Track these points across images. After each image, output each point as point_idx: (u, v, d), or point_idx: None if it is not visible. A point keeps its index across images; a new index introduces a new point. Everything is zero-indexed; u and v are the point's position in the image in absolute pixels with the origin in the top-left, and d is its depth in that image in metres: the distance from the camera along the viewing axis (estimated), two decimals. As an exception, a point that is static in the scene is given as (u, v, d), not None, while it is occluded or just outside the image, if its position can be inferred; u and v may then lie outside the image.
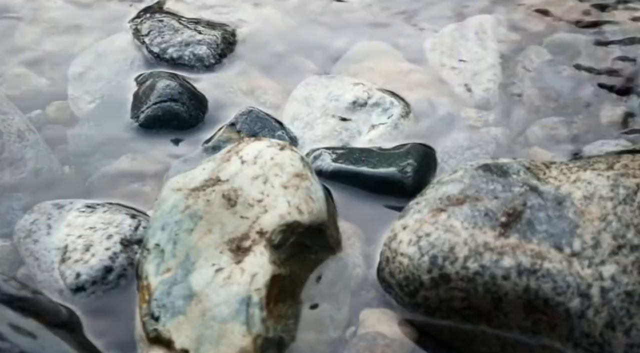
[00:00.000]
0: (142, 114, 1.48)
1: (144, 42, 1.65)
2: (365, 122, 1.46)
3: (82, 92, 1.57)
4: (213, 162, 1.22)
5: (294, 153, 1.22)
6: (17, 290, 1.02)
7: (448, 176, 1.21)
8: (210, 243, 1.12)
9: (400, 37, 1.69)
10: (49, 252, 1.22)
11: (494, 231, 1.09)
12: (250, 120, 1.45)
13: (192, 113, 1.48)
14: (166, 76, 1.53)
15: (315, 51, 1.67)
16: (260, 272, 1.08)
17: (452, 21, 1.73)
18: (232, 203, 1.15)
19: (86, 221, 1.25)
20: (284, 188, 1.16)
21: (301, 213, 1.15)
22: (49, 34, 1.72)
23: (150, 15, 1.73)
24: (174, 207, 1.16)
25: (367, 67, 1.61)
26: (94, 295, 1.17)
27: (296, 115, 1.50)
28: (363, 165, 1.35)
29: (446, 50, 1.64)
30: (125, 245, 1.21)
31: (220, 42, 1.64)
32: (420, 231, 1.13)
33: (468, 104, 1.52)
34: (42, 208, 1.31)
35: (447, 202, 1.15)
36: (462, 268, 1.08)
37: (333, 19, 1.75)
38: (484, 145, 1.42)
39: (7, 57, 1.65)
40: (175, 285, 1.09)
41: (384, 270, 1.17)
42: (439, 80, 1.57)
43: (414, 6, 1.78)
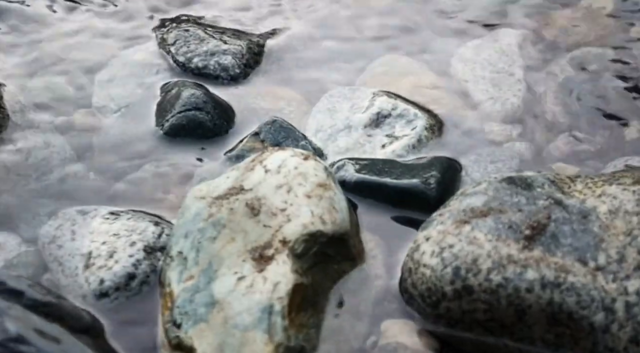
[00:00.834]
0: (166, 122, 1.49)
1: (169, 51, 1.66)
2: (389, 133, 1.46)
3: (108, 99, 1.58)
4: (237, 170, 1.23)
5: (318, 163, 1.22)
6: (42, 296, 1.03)
7: (472, 188, 1.21)
8: (233, 252, 1.12)
9: (425, 50, 1.69)
10: (73, 257, 1.23)
11: (517, 244, 1.09)
12: (274, 129, 1.45)
13: (217, 122, 1.49)
14: (191, 85, 1.54)
15: (340, 62, 1.67)
16: (282, 281, 1.08)
17: (478, 35, 1.72)
18: (255, 212, 1.16)
19: (110, 228, 1.26)
20: (307, 197, 1.17)
21: (324, 223, 1.15)
22: (76, 42, 1.73)
23: (176, 25, 1.75)
24: (197, 215, 1.17)
25: (392, 79, 1.61)
26: (117, 301, 1.18)
27: (320, 126, 1.50)
28: (386, 176, 1.35)
29: (471, 64, 1.63)
30: (149, 252, 1.22)
31: (246, 52, 1.65)
32: (443, 242, 1.12)
33: (492, 118, 1.51)
34: (67, 214, 1.32)
35: (471, 214, 1.15)
36: (485, 280, 1.07)
37: (358, 31, 1.76)
38: (508, 160, 1.42)
39: (34, 65, 1.66)
40: (198, 292, 1.09)
41: (406, 281, 1.17)
42: (464, 94, 1.57)
43: (440, 20, 1.78)
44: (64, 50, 1.71)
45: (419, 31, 1.75)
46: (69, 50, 1.71)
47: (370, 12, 1.81)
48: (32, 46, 1.72)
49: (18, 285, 1.02)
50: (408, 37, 1.74)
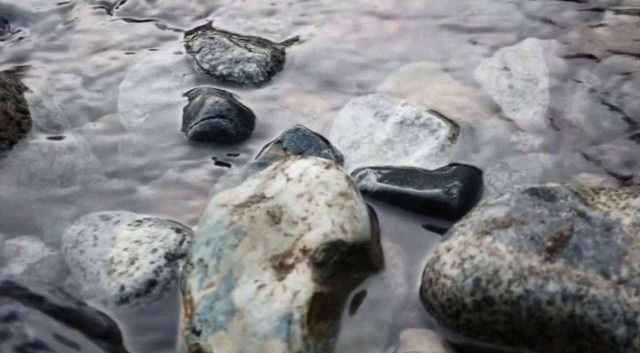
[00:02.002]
0: (190, 129, 1.49)
1: (195, 59, 1.67)
2: (412, 142, 1.46)
3: (132, 106, 1.59)
4: (259, 178, 1.23)
5: (340, 172, 1.22)
6: (62, 301, 1.03)
7: (494, 199, 1.20)
8: (254, 260, 1.12)
9: (450, 59, 1.69)
10: (95, 263, 1.24)
11: (539, 255, 1.08)
12: (297, 138, 1.45)
13: (240, 130, 1.49)
14: (215, 93, 1.55)
15: (364, 70, 1.67)
16: (302, 290, 1.08)
17: (504, 44, 1.71)
18: (276, 220, 1.16)
19: (132, 234, 1.27)
20: (328, 206, 1.16)
21: (345, 232, 1.14)
22: (102, 48, 1.75)
23: (201, 32, 1.76)
24: (219, 222, 1.17)
25: (416, 87, 1.60)
26: (138, 307, 1.18)
27: (342, 134, 1.50)
28: (408, 186, 1.34)
29: (496, 73, 1.63)
30: (170, 259, 1.22)
31: (270, 60, 1.65)
32: (464, 253, 1.12)
33: (516, 128, 1.50)
34: (89, 219, 1.32)
35: (493, 224, 1.14)
36: (506, 291, 1.06)
37: (383, 39, 1.75)
38: (531, 170, 1.41)
39: (60, 71, 1.67)
40: (218, 300, 1.09)
41: (426, 291, 1.16)
42: (488, 103, 1.56)
43: (466, 28, 1.77)
44: (89, 55, 1.73)
45: (444, 40, 1.75)
46: (94, 55, 1.73)
47: (395, 20, 1.81)
48: (58, 51, 1.73)
49: (38, 290, 1.03)
50: (433, 45, 1.73)
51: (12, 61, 1.69)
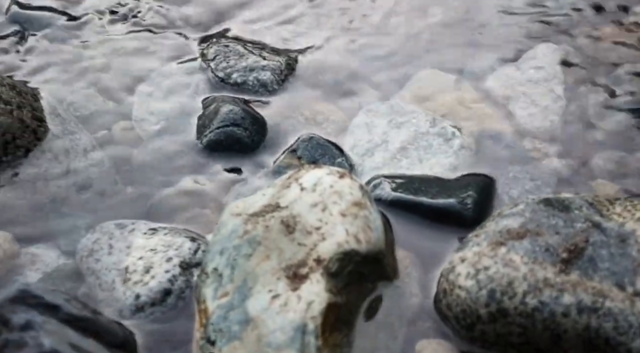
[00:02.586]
0: (205, 137, 1.50)
1: (209, 66, 1.67)
2: (426, 150, 1.46)
3: (147, 113, 1.60)
4: (273, 188, 1.23)
5: (354, 181, 1.22)
6: (78, 310, 1.03)
7: (509, 209, 1.20)
8: (268, 269, 1.12)
9: (465, 66, 1.69)
10: (110, 271, 1.24)
11: (554, 267, 1.08)
12: (311, 147, 1.45)
13: (254, 138, 1.50)
14: (230, 101, 1.55)
15: (378, 78, 1.67)
16: (316, 300, 1.08)
17: (518, 51, 1.71)
18: (290, 230, 1.16)
19: (147, 243, 1.27)
20: (342, 216, 1.16)
21: (359, 242, 1.14)
22: (117, 56, 1.75)
23: (216, 40, 1.76)
24: (233, 231, 1.17)
25: (430, 95, 1.60)
26: (153, 316, 1.19)
27: (357, 141, 1.50)
28: (422, 196, 1.34)
29: (511, 80, 1.62)
30: (184, 268, 1.23)
31: (284, 68, 1.66)
32: (478, 264, 1.12)
33: (531, 135, 1.50)
34: (105, 228, 1.33)
35: (507, 235, 1.14)
36: (521, 303, 1.06)
37: (397, 46, 1.75)
38: (546, 178, 1.40)
39: (76, 79, 1.68)
40: (232, 310, 1.09)
41: (441, 302, 1.16)
42: (502, 111, 1.56)
43: (480, 35, 1.77)
44: (105, 63, 1.73)
45: (459, 47, 1.74)
46: (110, 63, 1.73)
47: (410, 28, 1.81)
48: (74, 58, 1.74)
49: (54, 299, 1.03)
50: (447, 52, 1.73)
51: (28, 69, 1.69)
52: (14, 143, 1.43)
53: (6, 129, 1.42)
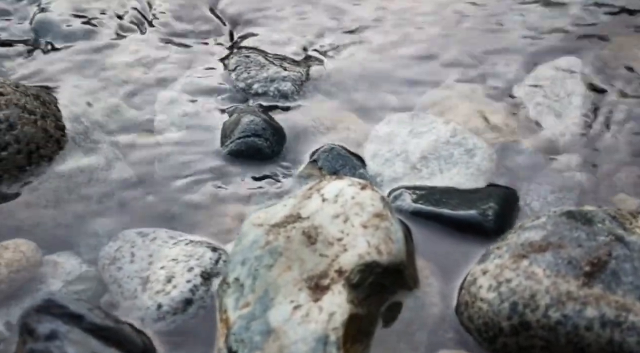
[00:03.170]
0: (226, 147, 1.51)
1: (230, 77, 1.68)
2: (447, 161, 1.46)
3: (169, 122, 1.60)
4: (294, 198, 1.24)
5: (375, 193, 1.22)
6: (101, 320, 1.04)
7: (531, 222, 1.20)
8: (289, 280, 1.12)
9: (486, 77, 1.68)
10: (132, 280, 1.25)
11: (577, 280, 1.07)
12: (332, 157, 1.46)
13: (275, 148, 1.50)
14: (250, 111, 1.56)
15: (399, 88, 1.67)
16: (338, 311, 1.08)
17: (540, 63, 1.71)
18: (312, 241, 1.16)
19: (169, 252, 1.28)
20: (363, 227, 1.16)
21: (380, 254, 1.14)
22: (140, 65, 1.76)
23: (237, 51, 1.77)
24: (255, 242, 1.18)
25: (452, 106, 1.60)
26: (174, 325, 1.19)
27: (377, 151, 1.50)
28: (443, 207, 1.34)
29: (532, 91, 1.62)
30: (206, 278, 1.23)
31: (305, 79, 1.66)
32: (500, 277, 1.11)
33: (553, 147, 1.49)
34: (127, 236, 1.34)
35: (529, 248, 1.14)
36: (544, 316, 1.06)
37: (419, 56, 1.76)
38: (568, 190, 1.40)
39: (99, 88, 1.69)
40: (254, 320, 1.10)
41: (462, 314, 1.16)
42: (524, 122, 1.56)
43: (502, 46, 1.77)
44: (126, 71, 1.74)
45: (480, 57, 1.74)
46: (131, 71, 1.74)
47: (432, 38, 1.81)
48: (96, 66, 1.75)
49: (78, 308, 1.04)
50: (469, 63, 1.73)
51: (52, 78, 1.71)
52: (38, 152, 1.44)
53: (30, 138, 1.44)
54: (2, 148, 1.41)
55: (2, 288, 1.24)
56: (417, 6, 1.92)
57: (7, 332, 1.20)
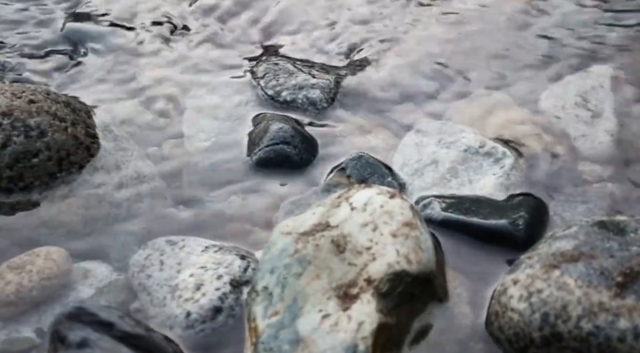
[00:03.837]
0: (254, 155, 1.51)
1: (259, 84, 1.68)
2: (476, 171, 1.45)
3: (198, 130, 1.61)
4: (323, 206, 1.23)
5: (404, 201, 1.21)
6: (131, 328, 1.04)
7: (562, 231, 1.19)
8: (318, 289, 1.12)
9: (515, 86, 1.68)
10: (161, 288, 1.25)
11: (609, 291, 1.06)
12: (360, 165, 1.45)
13: (303, 156, 1.50)
14: (279, 119, 1.56)
15: (428, 97, 1.67)
16: (367, 321, 1.08)
17: (570, 72, 1.70)
18: (340, 250, 1.16)
19: (198, 260, 1.28)
20: (393, 236, 1.16)
21: (410, 263, 1.14)
22: (168, 71, 1.77)
23: (266, 58, 1.77)
24: (283, 250, 1.18)
25: (481, 115, 1.60)
26: (203, 333, 1.19)
27: (406, 161, 1.50)
28: (473, 216, 1.33)
29: (563, 101, 1.61)
30: (235, 286, 1.23)
31: (334, 86, 1.66)
32: (531, 287, 1.10)
33: (584, 157, 1.48)
34: (156, 244, 1.34)
35: (561, 258, 1.13)
36: (575, 327, 1.05)
37: (447, 65, 1.75)
38: (599, 201, 1.39)
39: (128, 95, 1.70)
40: (283, 329, 1.09)
41: (492, 325, 1.15)
42: (554, 132, 1.55)
43: (531, 55, 1.76)
44: (156, 79, 1.75)
45: (509, 67, 1.74)
46: (160, 79, 1.75)
47: (460, 47, 1.81)
48: (125, 75, 1.77)
49: (109, 316, 1.05)
50: (497, 72, 1.72)
51: (81, 86, 1.72)
52: (68, 159, 1.46)
53: (61, 145, 1.45)
54: (33, 155, 1.42)
55: (34, 295, 1.25)
56: (446, 17, 1.92)
57: (38, 339, 1.21)
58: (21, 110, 1.45)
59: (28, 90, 1.50)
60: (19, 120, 1.43)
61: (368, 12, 1.94)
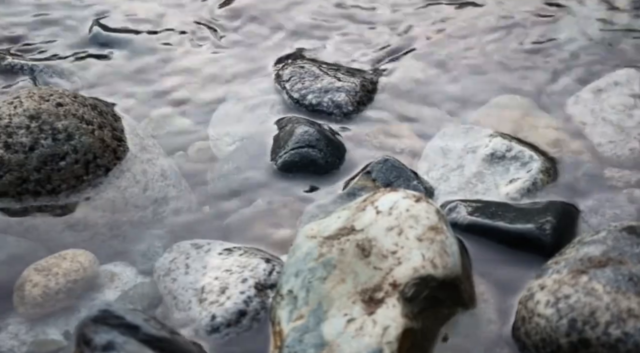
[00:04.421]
0: (280, 158, 1.51)
1: (284, 88, 1.69)
2: (502, 175, 1.44)
3: (223, 133, 1.61)
4: (348, 210, 1.23)
5: (430, 205, 1.21)
6: (156, 331, 1.05)
7: (590, 236, 1.18)
8: (343, 293, 1.12)
9: (543, 91, 1.67)
10: (187, 291, 1.25)
11: (638, 297, 1.05)
12: (386, 169, 1.45)
13: (329, 159, 1.50)
14: (305, 122, 1.56)
15: (454, 101, 1.66)
16: (392, 325, 1.07)
17: (597, 75, 1.68)
18: (366, 254, 1.15)
19: (223, 263, 1.28)
20: (418, 240, 1.15)
21: (435, 267, 1.13)
22: (194, 76, 1.78)
23: (291, 61, 1.77)
24: (308, 254, 1.17)
25: (507, 119, 1.59)
26: (228, 337, 1.19)
27: (432, 165, 1.49)
28: (499, 220, 1.32)
29: (590, 105, 1.60)
30: (259, 289, 1.23)
31: (359, 90, 1.66)
32: (559, 292, 1.09)
33: (612, 162, 1.47)
34: (181, 247, 1.34)
35: (589, 263, 1.12)
36: (604, 334, 1.04)
37: (473, 70, 1.75)
38: (627, 206, 1.37)
39: (154, 99, 1.71)
40: (307, 333, 1.09)
41: (519, 330, 1.14)
42: (581, 137, 1.53)
43: (557, 61, 1.75)
44: (182, 83, 1.76)
45: (536, 71, 1.73)
46: (187, 83, 1.76)
47: (486, 53, 1.80)
48: (152, 78, 1.77)
49: (134, 319, 1.05)
50: (524, 77, 1.71)
51: (108, 89, 1.73)
52: (95, 162, 1.46)
53: (88, 148, 1.45)
54: (60, 158, 1.43)
55: (60, 297, 1.26)
56: (473, 21, 1.91)
57: (65, 341, 1.22)
58: (49, 113, 1.46)
59: (56, 93, 1.51)
60: (47, 123, 1.44)
61: (394, 16, 1.94)
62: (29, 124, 1.44)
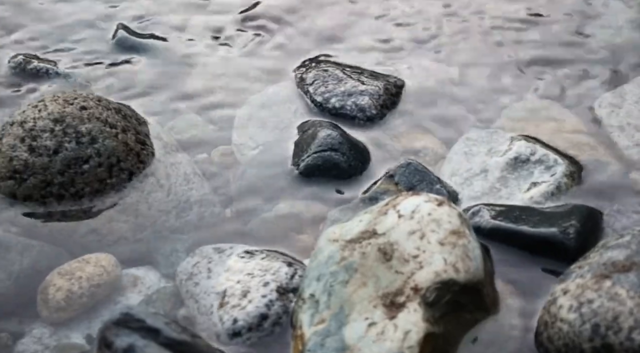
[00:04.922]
0: (302, 162, 1.51)
1: (307, 91, 1.68)
2: (526, 179, 1.43)
3: (246, 138, 1.62)
4: (370, 214, 1.23)
5: (452, 209, 1.20)
6: (177, 334, 1.05)
7: (614, 241, 1.16)
8: (365, 297, 1.12)
9: (567, 94, 1.66)
10: (209, 295, 1.26)
11: (662, 302, 1.04)
12: (409, 173, 1.44)
13: (352, 163, 1.50)
14: (327, 125, 1.56)
15: (478, 105, 1.65)
16: (413, 330, 1.07)
17: (623, 78, 1.67)
18: (387, 258, 1.15)
19: (245, 267, 1.28)
20: (440, 245, 1.15)
21: (457, 272, 1.13)
22: (218, 81, 1.78)
23: (315, 65, 1.77)
24: (330, 258, 1.17)
25: (532, 123, 1.58)
26: (249, 341, 1.19)
27: (455, 170, 1.48)
28: (523, 224, 1.31)
29: (616, 109, 1.58)
30: (281, 293, 1.23)
31: (383, 93, 1.65)
32: (582, 297, 1.08)
33: (637, 166, 1.45)
34: (204, 251, 1.35)
35: (612, 268, 1.10)
36: (627, 339, 1.03)
37: (498, 73, 1.74)
38: (653, 210, 1.36)
39: (178, 103, 1.72)
40: (329, 337, 1.09)
41: (542, 335, 1.13)
42: (607, 141, 1.52)
43: (583, 64, 1.74)
44: (205, 88, 1.76)
45: (561, 75, 1.71)
46: (210, 88, 1.76)
47: (511, 56, 1.79)
48: (176, 83, 1.78)
49: (155, 323, 1.05)
50: (549, 80, 1.70)
51: (132, 93, 1.74)
52: (119, 166, 1.47)
53: (111, 152, 1.46)
54: (84, 161, 1.44)
55: (84, 301, 1.27)
56: (498, 24, 1.90)
57: (88, 344, 1.22)
58: (73, 117, 1.47)
59: (80, 96, 1.52)
60: (71, 127, 1.46)
61: (417, 19, 1.93)
62: (53, 127, 1.45)
